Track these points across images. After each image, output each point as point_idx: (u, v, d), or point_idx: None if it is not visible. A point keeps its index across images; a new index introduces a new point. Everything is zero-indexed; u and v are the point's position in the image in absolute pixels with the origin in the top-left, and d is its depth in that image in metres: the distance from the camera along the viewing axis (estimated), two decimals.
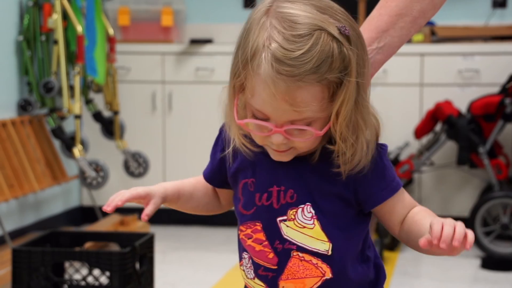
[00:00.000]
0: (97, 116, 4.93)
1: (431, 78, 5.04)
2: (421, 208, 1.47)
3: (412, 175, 4.86)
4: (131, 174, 5.02)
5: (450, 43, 5.08)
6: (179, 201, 1.56)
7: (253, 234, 1.48)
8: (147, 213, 1.48)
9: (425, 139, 4.99)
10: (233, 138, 1.47)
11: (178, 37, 5.48)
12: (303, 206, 1.44)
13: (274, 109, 1.35)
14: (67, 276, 3.41)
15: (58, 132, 4.68)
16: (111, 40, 4.84)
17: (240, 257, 1.53)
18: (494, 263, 4.47)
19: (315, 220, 1.44)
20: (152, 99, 5.29)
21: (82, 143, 4.65)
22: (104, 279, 3.40)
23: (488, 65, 4.96)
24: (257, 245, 1.47)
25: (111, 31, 4.84)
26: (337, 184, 1.43)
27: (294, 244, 1.45)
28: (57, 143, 4.85)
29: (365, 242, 1.49)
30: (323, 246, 1.44)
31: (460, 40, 5.12)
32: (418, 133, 4.82)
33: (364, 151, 1.40)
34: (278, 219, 1.45)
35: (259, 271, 1.48)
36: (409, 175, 4.78)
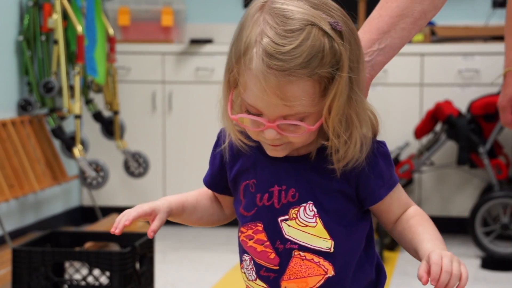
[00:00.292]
0: (97, 116, 4.93)
1: (431, 78, 5.04)
2: (416, 210, 1.47)
3: (412, 175, 4.86)
4: (131, 174, 5.02)
5: (450, 43, 5.08)
6: (183, 214, 1.56)
7: (254, 235, 1.47)
8: (153, 229, 1.48)
9: (425, 139, 4.99)
10: (228, 134, 1.47)
11: (178, 37, 5.48)
12: (305, 204, 1.44)
13: (266, 104, 1.36)
14: (67, 276, 3.41)
15: (58, 132, 4.68)
16: (111, 40, 4.84)
17: (240, 259, 1.52)
18: (494, 263, 4.47)
19: (317, 218, 1.43)
20: (152, 99, 5.29)
21: (82, 143, 4.65)
22: (104, 279, 3.40)
23: (488, 65, 4.96)
24: (258, 245, 1.47)
25: (111, 31, 4.84)
26: (338, 180, 1.43)
27: (295, 243, 1.44)
28: (57, 143, 4.85)
29: (368, 240, 1.49)
30: (326, 244, 1.44)
31: (460, 40, 5.12)
32: (418, 133, 4.82)
33: (358, 147, 1.39)
34: (280, 218, 1.45)
35: (261, 272, 1.48)
36: (409, 175, 4.79)
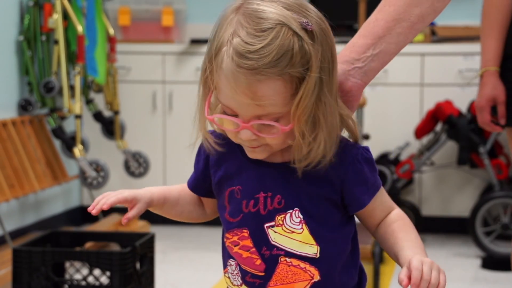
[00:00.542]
0: (97, 116, 4.93)
1: (431, 78, 5.04)
2: (398, 215, 1.48)
3: (413, 175, 4.86)
4: (131, 174, 5.02)
5: (451, 43, 5.08)
6: (164, 206, 1.55)
7: (240, 241, 1.47)
8: (128, 217, 1.48)
9: (425, 139, 4.99)
10: (198, 134, 1.47)
11: (178, 37, 5.48)
12: (291, 211, 1.43)
13: (238, 103, 1.36)
14: (67, 276, 3.41)
15: (58, 132, 4.68)
16: (111, 40, 4.84)
17: (224, 264, 1.53)
18: (495, 263, 4.47)
19: (304, 224, 1.43)
20: (153, 99, 5.29)
21: (83, 143, 4.65)
22: (104, 279, 3.40)
23: None
24: (244, 252, 1.47)
25: (111, 31, 4.84)
26: (324, 186, 1.43)
27: (282, 249, 1.44)
28: (57, 143, 4.85)
29: (353, 244, 1.49)
30: (312, 250, 1.44)
31: (461, 40, 5.12)
32: (419, 133, 4.82)
33: (321, 149, 1.39)
34: (266, 225, 1.45)
35: (247, 278, 1.48)
36: (409, 175, 4.79)
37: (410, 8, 1.52)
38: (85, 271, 3.68)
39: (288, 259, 1.44)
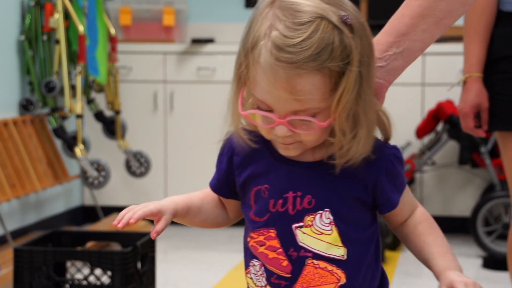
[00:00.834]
0: (98, 115, 4.93)
1: (432, 78, 5.03)
2: (423, 214, 1.48)
3: (414, 174, 4.86)
4: (132, 173, 5.02)
5: (452, 42, 5.08)
6: (187, 215, 1.51)
7: (266, 241, 1.44)
8: (157, 231, 1.44)
9: (426, 139, 4.99)
10: (237, 139, 1.44)
11: (179, 37, 5.48)
12: (321, 212, 1.41)
13: (275, 98, 1.33)
14: (68, 276, 3.41)
15: (59, 131, 4.68)
16: (112, 40, 4.84)
17: (247, 264, 1.49)
18: (496, 262, 4.46)
19: (333, 226, 1.41)
20: (154, 98, 5.29)
21: (84, 143, 4.66)
22: (105, 279, 3.40)
23: None
24: (270, 252, 1.44)
25: (112, 30, 4.84)
26: (356, 186, 1.41)
27: (310, 251, 1.42)
28: (58, 142, 4.85)
29: (377, 245, 1.47)
30: (339, 252, 1.42)
31: (462, 39, 5.10)
32: (420, 132, 4.82)
33: (361, 146, 1.37)
34: (294, 225, 1.42)
35: (272, 279, 1.45)
36: (410, 174, 4.79)
37: (436, 3, 1.45)
38: (86, 270, 3.68)
39: (315, 261, 1.42)
